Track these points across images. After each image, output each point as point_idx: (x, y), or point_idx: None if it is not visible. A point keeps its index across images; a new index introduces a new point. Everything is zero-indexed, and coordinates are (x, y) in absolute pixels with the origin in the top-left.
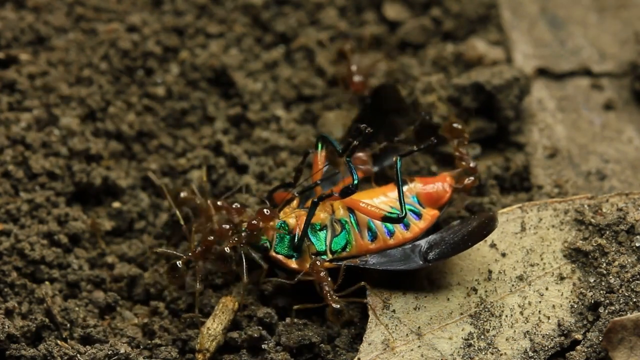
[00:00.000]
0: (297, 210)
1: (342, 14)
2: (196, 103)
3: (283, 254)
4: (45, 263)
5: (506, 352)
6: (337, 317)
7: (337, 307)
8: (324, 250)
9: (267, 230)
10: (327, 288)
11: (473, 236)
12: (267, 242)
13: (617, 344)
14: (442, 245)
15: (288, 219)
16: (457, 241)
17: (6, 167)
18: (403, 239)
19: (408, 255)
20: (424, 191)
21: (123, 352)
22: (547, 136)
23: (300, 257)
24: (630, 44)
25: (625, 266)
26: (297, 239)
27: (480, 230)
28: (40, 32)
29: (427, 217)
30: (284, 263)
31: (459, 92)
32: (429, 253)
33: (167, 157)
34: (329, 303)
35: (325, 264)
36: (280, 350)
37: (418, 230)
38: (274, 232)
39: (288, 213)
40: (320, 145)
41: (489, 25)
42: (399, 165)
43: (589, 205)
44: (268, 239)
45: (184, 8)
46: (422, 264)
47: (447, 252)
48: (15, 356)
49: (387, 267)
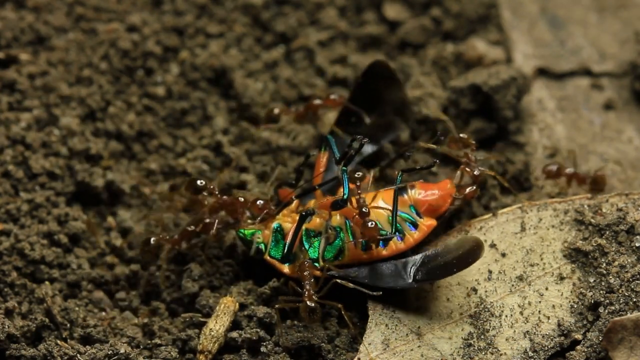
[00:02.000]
0: (295, 215)
1: (342, 14)
2: (196, 103)
3: (277, 259)
4: (45, 263)
5: (506, 352)
6: (309, 315)
7: (311, 305)
8: (316, 257)
9: (264, 232)
10: (307, 287)
11: (460, 262)
12: (262, 245)
13: (617, 344)
14: (433, 266)
15: (284, 223)
16: (446, 263)
17: (6, 167)
18: (397, 250)
19: (399, 272)
20: (423, 200)
21: (123, 352)
22: (547, 136)
23: (294, 262)
24: (630, 44)
25: (625, 266)
26: (286, 248)
27: (467, 257)
28: (40, 32)
29: (423, 227)
30: (278, 267)
31: (456, 94)
32: (419, 272)
33: (167, 157)
34: (304, 300)
35: (315, 272)
36: (280, 351)
37: (412, 242)
38: (270, 235)
39: (286, 215)
40: (324, 148)
41: (489, 25)
42: (399, 180)
43: (589, 205)
44: (264, 241)
45: (184, 8)
46: (411, 283)
47: (435, 274)
48: (15, 356)
49: (376, 283)
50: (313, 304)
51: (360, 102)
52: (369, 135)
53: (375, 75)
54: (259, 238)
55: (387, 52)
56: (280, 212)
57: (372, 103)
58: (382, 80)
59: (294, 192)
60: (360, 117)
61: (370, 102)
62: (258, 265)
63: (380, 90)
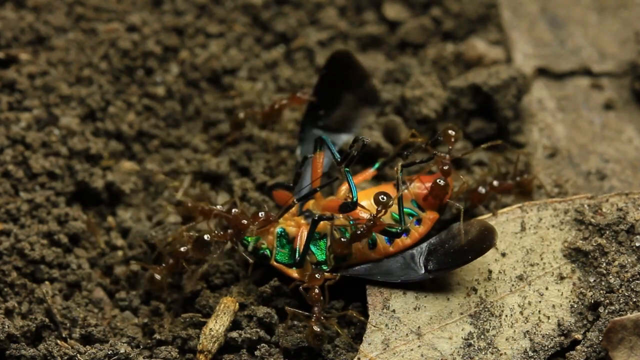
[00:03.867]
0: (298, 219)
1: (342, 13)
2: (196, 103)
3: (283, 263)
4: (45, 263)
5: (506, 352)
6: (315, 339)
7: (317, 330)
8: (325, 259)
9: (267, 238)
10: (317, 310)
11: (473, 248)
12: (268, 251)
13: (617, 344)
14: (442, 254)
15: (288, 227)
16: (457, 251)
17: (6, 167)
18: (403, 245)
19: (408, 263)
20: (423, 193)
21: (123, 352)
22: (547, 136)
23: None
24: (630, 44)
25: (625, 266)
26: (298, 254)
27: (480, 243)
28: (40, 32)
29: (427, 221)
30: (285, 272)
31: (456, 94)
32: (429, 261)
33: (167, 157)
34: (311, 324)
35: (325, 275)
36: (279, 352)
37: (418, 236)
38: (274, 240)
39: (288, 219)
40: (319, 148)
41: (489, 25)
42: (400, 175)
43: (589, 205)
44: (268, 247)
45: (184, 8)
46: (424, 274)
47: (448, 263)
48: (15, 356)
49: (387, 279)
50: (319, 330)
51: (326, 95)
52: (339, 125)
53: (338, 65)
54: (263, 244)
55: (387, 52)
56: (282, 216)
57: (338, 94)
58: (345, 70)
59: (291, 194)
60: (328, 110)
61: (335, 93)
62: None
63: (345, 79)
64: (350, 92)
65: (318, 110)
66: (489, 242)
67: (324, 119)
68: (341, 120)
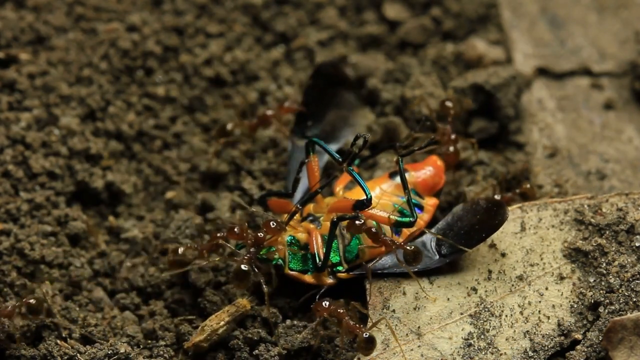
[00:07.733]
0: (306, 224)
1: (342, 13)
2: (196, 103)
3: (298, 270)
4: (45, 263)
5: (506, 352)
6: (368, 346)
7: (367, 336)
8: (339, 260)
9: (278, 247)
10: (350, 322)
11: (485, 226)
12: (281, 260)
13: (617, 344)
14: (453, 237)
15: (297, 234)
16: (468, 232)
17: (6, 167)
18: (411, 235)
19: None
20: (419, 180)
21: (123, 352)
22: (547, 136)
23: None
24: (630, 44)
25: (625, 266)
26: (318, 259)
27: (491, 220)
28: (40, 32)
29: (428, 208)
30: (300, 279)
31: (457, 94)
32: (441, 246)
33: (167, 157)
34: (358, 333)
35: (341, 275)
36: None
37: (423, 224)
38: (285, 249)
39: (294, 226)
40: (312, 151)
41: (488, 25)
42: (402, 165)
43: (589, 205)
44: (280, 256)
45: (184, 8)
46: (439, 259)
47: (461, 244)
48: (15, 356)
49: (404, 269)
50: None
51: (314, 105)
52: (327, 135)
53: (324, 76)
54: (275, 254)
55: (387, 52)
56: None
57: (325, 103)
58: (332, 80)
59: (289, 201)
60: (317, 120)
61: (323, 102)
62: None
63: (332, 89)
64: (337, 103)
65: (306, 121)
66: (500, 217)
67: (312, 129)
68: (329, 130)
